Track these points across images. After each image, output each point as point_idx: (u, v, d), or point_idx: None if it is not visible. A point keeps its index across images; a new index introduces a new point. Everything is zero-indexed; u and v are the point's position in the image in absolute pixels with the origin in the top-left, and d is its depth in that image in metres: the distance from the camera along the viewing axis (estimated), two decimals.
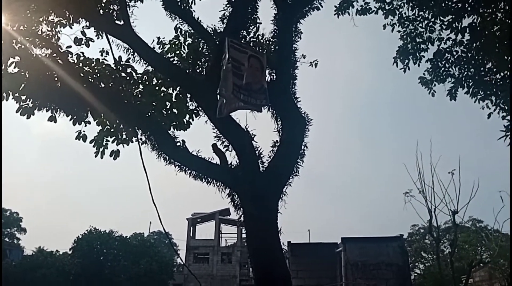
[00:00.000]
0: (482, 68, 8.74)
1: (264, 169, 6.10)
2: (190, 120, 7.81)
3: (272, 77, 6.68)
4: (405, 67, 9.15)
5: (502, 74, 8.49)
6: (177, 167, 6.34)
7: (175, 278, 37.11)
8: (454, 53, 8.77)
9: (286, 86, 6.45)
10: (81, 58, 7.01)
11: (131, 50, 6.64)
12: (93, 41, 7.02)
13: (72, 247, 34.18)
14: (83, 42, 6.98)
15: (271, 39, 7.36)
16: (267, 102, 4.75)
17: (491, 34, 7.91)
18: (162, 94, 7.88)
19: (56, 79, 6.99)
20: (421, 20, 8.85)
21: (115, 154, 7.81)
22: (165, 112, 7.82)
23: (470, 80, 8.87)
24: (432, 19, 8.62)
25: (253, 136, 6.11)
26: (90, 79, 7.15)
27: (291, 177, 6.16)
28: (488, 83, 8.69)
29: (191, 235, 46.68)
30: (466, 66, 8.85)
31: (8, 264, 34.58)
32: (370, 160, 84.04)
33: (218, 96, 5.00)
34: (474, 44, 8.37)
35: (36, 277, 30.43)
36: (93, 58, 7.21)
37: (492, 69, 8.62)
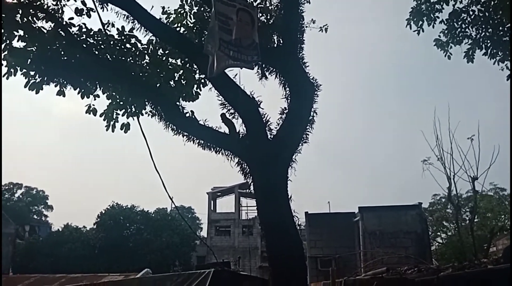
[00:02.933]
0: (500, 28, 8.34)
1: (272, 136, 5.98)
2: (198, 90, 7.69)
3: (279, 42, 6.48)
4: (419, 29, 8.79)
5: None
6: (185, 137, 6.30)
7: (197, 251, 37.93)
8: (471, 12, 8.38)
9: (293, 51, 6.23)
10: (83, 30, 6.89)
11: (132, 19, 6.47)
12: (94, 11, 6.88)
13: (96, 222, 35.20)
14: (84, 13, 6.86)
15: (279, 3, 7.10)
16: (258, 58, 4.52)
17: None
18: (169, 65, 7.75)
19: (61, 52, 6.97)
20: None
21: (126, 127, 7.79)
22: (173, 83, 7.72)
23: (488, 41, 8.51)
24: None
25: (259, 103, 5.96)
26: (94, 51, 7.08)
27: (300, 144, 6.04)
28: (507, 43, 8.28)
29: (212, 208, 47.42)
30: (483, 26, 8.46)
31: (36, 240, 35.94)
32: (387, 129, 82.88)
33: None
34: (492, 2, 7.94)
35: (62, 251, 31.54)
36: (94, 29, 7.09)
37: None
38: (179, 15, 7.98)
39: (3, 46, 6.60)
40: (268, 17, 7.05)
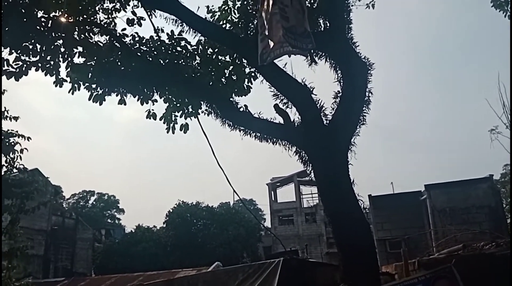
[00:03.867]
0: None
1: (328, 122, 5.93)
2: (249, 84, 7.77)
3: (325, 25, 6.39)
4: None
5: None
6: (241, 131, 6.41)
7: (263, 241, 38.45)
8: None
9: (341, 32, 6.12)
10: (136, 39, 7.20)
11: (180, 22, 6.65)
12: (144, 20, 7.16)
13: (165, 220, 36.74)
14: (135, 22, 7.16)
15: None
16: (313, 46, 4.45)
17: None
18: (219, 63, 7.90)
19: (118, 63, 7.34)
20: None
21: (185, 127, 8.04)
22: (224, 80, 7.87)
23: None
24: None
25: (311, 90, 5.92)
26: (148, 58, 7.38)
27: (357, 127, 5.94)
28: None
29: (273, 199, 47.74)
30: None
31: (112, 242, 38.21)
32: (447, 102, 78.69)
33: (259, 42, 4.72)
34: None
35: (137, 251, 33.26)
36: (145, 37, 7.38)
37: None
38: (223, 12, 8.09)
39: (65, 64, 7.05)
40: (312, 1, 6.96)
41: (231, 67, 7.87)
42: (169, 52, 7.53)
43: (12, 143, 9.15)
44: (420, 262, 5.71)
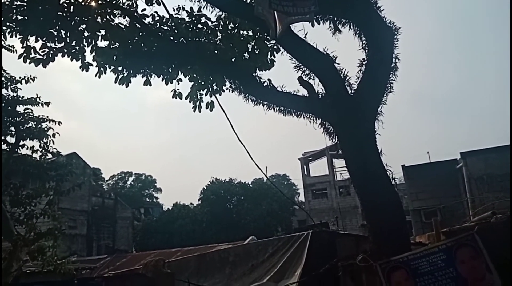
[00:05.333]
0: None
1: (353, 91, 5.78)
2: (272, 57, 7.65)
3: None
4: None
5: None
6: (265, 106, 6.36)
7: (297, 215, 38.73)
8: None
9: None
10: (156, 18, 7.19)
11: None
12: None
13: (200, 198, 37.57)
14: (153, 1, 7.14)
15: None
16: (316, 8, 4.23)
17: None
18: (240, 38, 7.80)
19: (141, 44, 7.38)
20: None
21: (210, 105, 8.05)
22: (247, 55, 7.78)
23: None
24: None
25: (335, 59, 5.76)
26: (170, 37, 7.37)
27: (385, 95, 5.77)
28: None
29: (305, 173, 47.80)
30: None
31: (150, 220, 39.51)
32: (484, 68, 75.06)
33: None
34: None
35: (174, 228, 34.28)
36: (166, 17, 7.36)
37: None
38: None
39: (90, 48, 7.16)
40: None
41: (253, 41, 7.77)
42: (190, 29, 7.50)
43: (45, 129, 9.47)
44: (451, 231, 5.57)
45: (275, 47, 7.54)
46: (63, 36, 6.87)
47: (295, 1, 4.06)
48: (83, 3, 6.79)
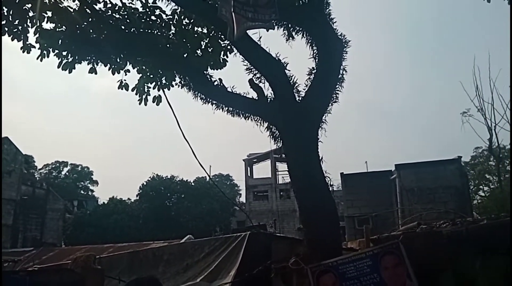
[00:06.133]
0: None
1: (301, 98, 5.94)
2: (225, 57, 7.66)
3: None
4: None
5: None
6: (214, 105, 6.36)
7: (237, 216, 38.91)
8: None
9: (319, 7, 6.06)
10: (109, 5, 6.96)
11: None
12: None
13: (138, 193, 36.66)
14: None
15: None
16: (277, 16, 4.36)
17: None
18: (195, 34, 7.74)
19: (90, 30, 7.10)
20: None
21: (157, 99, 7.92)
22: (200, 52, 7.73)
23: None
24: None
25: (285, 65, 5.89)
26: (121, 26, 7.16)
27: (330, 105, 5.98)
28: None
29: (248, 175, 48.25)
30: None
31: (83, 213, 37.92)
32: (423, 82, 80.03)
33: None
34: None
35: (109, 222, 33.18)
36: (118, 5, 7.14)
37: None
38: None
39: (33, 29, 6.79)
40: None
41: (207, 39, 7.73)
42: (143, 21, 7.32)
43: None
44: (379, 239, 5.89)
45: (228, 47, 7.55)
46: (5, 13, 6.47)
47: (256, 7, 4.12)
48: None
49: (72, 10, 6.82)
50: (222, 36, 7.53)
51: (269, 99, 6.11)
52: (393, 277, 4.69)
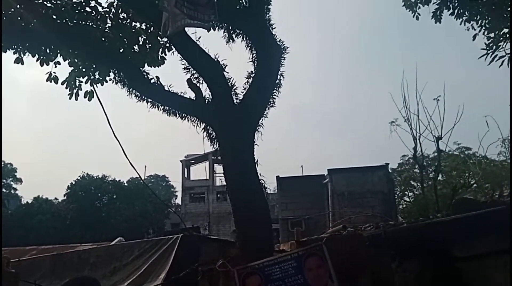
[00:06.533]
0: None
1: (238, 101, 5.96)
2: (163, 55, 7.50)
3: (245, 2, 6.34)
4: None
5: None
6: (149, 103, 6.20)
7: (171, 218, 38.19)
8: None
9: (260, 12, 6.11)
10: None
11: None
12: None
13: (66, 193, 34.81)
14: None
15: None
16: (216, 18, 4.37)
17: None
18: (132, 29, 7.50)
19: (18, 18, 6.64)
20: None
21: (89, 95, 7.59)
22: (137, 48, 7.50)
23: (456, 1, 8.57)
24: None
25: (224, 67, 5.88)
26: (53, 16, 6.76)
27: (267, 109, 6.05)
28: (474, 3, 8.38)
29: (185, 176, 47.54)
30: None
31: (5, 213, 35.26)
32: (356, 90, 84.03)
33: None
34: None
35: (32, 223, 31.19)
36: None
37: None
38: None
39: None
40: None
41: (145, 35, 7.52)
42: (77, 11, 6.96)
43: None
44: (309, 240, 6.07)
45: (167, 45, 7.40)
46: None
47: (197, 6, 4.06)
48: None
49: None
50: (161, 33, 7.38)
51: (207, 100, 6.06)
52: (316, 278, 4.83)
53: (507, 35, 7.22)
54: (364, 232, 5.69)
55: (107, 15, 7.30)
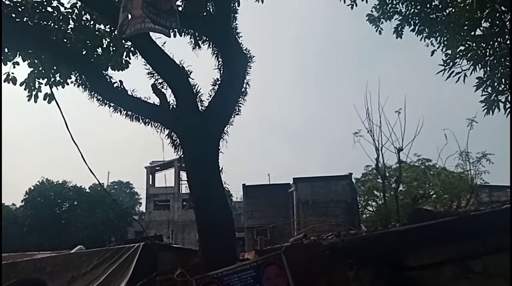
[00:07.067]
0: (428, 5, 8.73)
1: (203, 108, 5.91)
2: (128, 59, 7.36)
3: (212, 9, 6.33)
4: (352, 3, 9.00)
5: (447, 11, 8.50)
6: (111, 108, 6.05)
7: (134, 226, 37.28)
8: None
9: (226, 20, 6.11)
10: None
11: None
12: None
13: (23, 199, 33.36)
14: None
15: None
16: (177, 25, 4.33)
17: None
18: (96, 31, 7.33)
19: None
20: None
21: (49, 97, 7.34)
22: (100, 51, 7.33)
23: (416, 17, 8.88)
24: None
25: (189, 73, 5.83)
26: (12, 15, 6.51)
27: (232, 116, 6.03)
28: (433, 20, 8.71)
29: (150, 183, 46.63)
30: (413, 3, 8.80)
31: None
32: (325, 103, 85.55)
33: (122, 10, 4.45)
34: None
35: None
36: None
37: (438, 6, 8.62)
38: None
39: None
40: None
41: (109, 38, 7.37)
42: (38, 11, 6.74)
43: None
44: (272, 249, 6.07)
45: (131, 48, 7.28)
46: None
47: (160, 12, 3.99)
48: None
49: None
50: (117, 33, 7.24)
51: (171, 106, 5.98)
52: None
53: (464, 53, 7.53)
54: (325, 241, 5.72)
55: (69, 16, 7.13)
